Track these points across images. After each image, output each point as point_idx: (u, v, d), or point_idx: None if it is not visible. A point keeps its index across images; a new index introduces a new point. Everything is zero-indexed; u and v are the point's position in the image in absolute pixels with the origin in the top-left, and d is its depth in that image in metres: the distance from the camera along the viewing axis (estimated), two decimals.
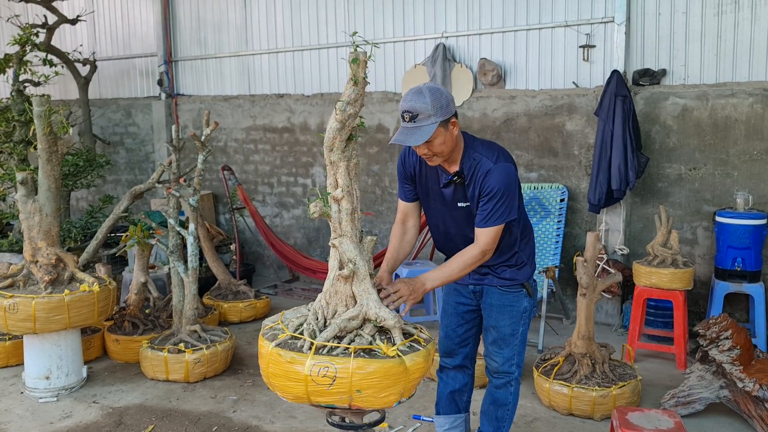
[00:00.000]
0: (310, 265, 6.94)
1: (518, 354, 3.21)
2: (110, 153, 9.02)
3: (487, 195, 2.87)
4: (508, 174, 2.88)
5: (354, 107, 2.55)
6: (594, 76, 5.93)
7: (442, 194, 3.06)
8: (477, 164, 2.90)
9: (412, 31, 6.79)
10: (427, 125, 2.74)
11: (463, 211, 3.03)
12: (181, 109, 8.45)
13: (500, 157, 2.92)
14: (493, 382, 3.27)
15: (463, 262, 2.90)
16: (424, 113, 2.73)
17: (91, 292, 4.42)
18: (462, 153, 2.95)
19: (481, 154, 2.91)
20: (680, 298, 4.90)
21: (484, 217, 2.89)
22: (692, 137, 5.54)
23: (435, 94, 2.75)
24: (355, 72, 2.56)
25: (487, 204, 2.87)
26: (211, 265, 6.40)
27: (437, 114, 2.74)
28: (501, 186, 2.85)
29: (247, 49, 7.93)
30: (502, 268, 3.13)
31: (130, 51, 8.91)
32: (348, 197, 2.65)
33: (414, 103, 2.74)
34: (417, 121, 2.74)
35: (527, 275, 3.18)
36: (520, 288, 3.16)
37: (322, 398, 2.43)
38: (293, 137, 7.66)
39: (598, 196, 5.63)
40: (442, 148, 2.83)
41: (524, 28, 6.20)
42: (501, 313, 3.16)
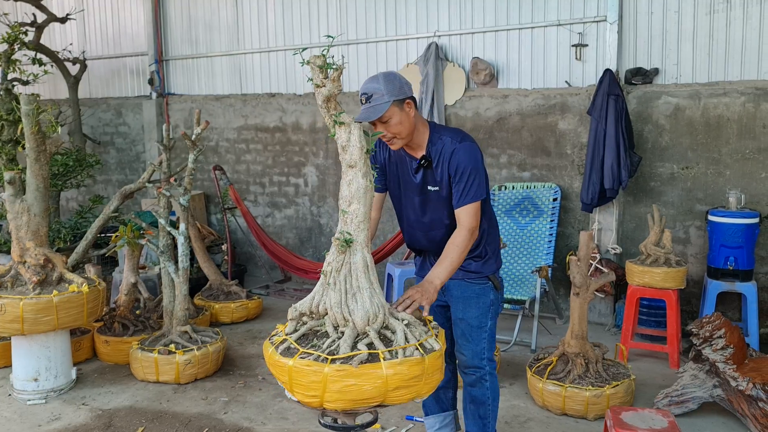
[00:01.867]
0: (303, 265, 6.91)
1: (488, 349, 3.22)
2: (100, 153, 8.95)
3: (458, 173, 2.96)
4: (473, 152, 2.99)
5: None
6: (586, 76, 5.92)
7: (413, 180, 3.11)
8: (443, 146, 3.01)
9: (404, 30, 6.77)
10: (380, 104, 2.86)
11: (433, 194, 3.08)
12: (172, 108, 8.39)
13: (465, 138, 3.03)
14: (466, 380, 3.27)
15: (457, 246, 2.91)
16: (378, 93, 2.87)
17: (80, 293, 4.37)
18: (427, 138, 3.04)
19: (446, 137, 3.03)
20: (673, 297, 4.89)
21: (460, 195, 2.97)
22: (685, 136, 5.54)
23: (388, 77, 2.91)
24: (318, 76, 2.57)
25: (459, 183, 2.97)
26: (203, 265, 6.35)
27: (389, 94, 2.87)
28: (469, 163, 2.96)
29: (238, 48, 7.89)
30: (468, 261, 3.16)
31: (121, 50, 8.84)
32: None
33: (369, 85, 2.91)
34: (372, 101, 2.87)
35: (492, 269, 3.22)
36: (486, 280, 3.20)
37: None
38: (285, 137, 7.62)
39: (591, 196, 5.62)
40: (399, 129, 2.92)
41: (517, 27, 6.19)
42: (467, 304, 3.19)
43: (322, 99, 2.63)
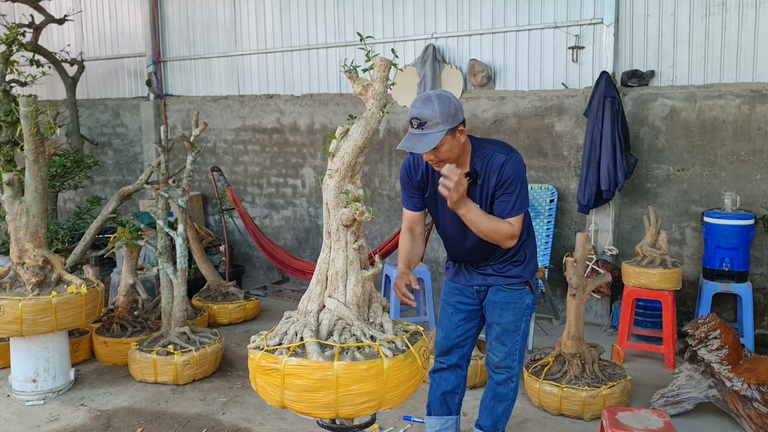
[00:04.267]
0: (300, 266, 6.92)
1: (519, 350, 3.26)
2: (98, 154, 8.96)
3: (506, 185, 2.94)
4: (521, 164, 2.99)
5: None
6: (583, 77, 5.95)
7: None
8: (490, 159, 2.97)
9: (401, 32, 6.79)
10: (434, 133, 2.77)
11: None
12: (170, 109, 8.40)
13: (511, 150, 3.02)
14: (494, 378, 3.30)
15: (494, 224, 2.92)
16: (432, 121, 2.76)
17: (78, 294, 4.38)
18: (470, 154, 3.01)
19: (492, 150, 3.00)
20: (669, 298, 4.92)
21: (510, 207, 2.96)
22: (680, 138, 5.57)
23: (444, 103, 2.80)
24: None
25: (508, 195, 2.95)
26: (201, 266, 6.37)
27: (445, 122, 2.78)
28: (517, 175, 2.95)
29: (236, 49, 7.91)
30: (508, 267, 3.19)
31: (119, 51, 8.85)
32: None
33: (422, 110, 2.77)
34: (425, 129, 2.78)
35: (531, 272, 3.25)
36: (524, 285, 3.22)
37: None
38: (283, 138, 7.63)
39: (588, 197, 5.65)
40: (448, 155, 2.87)
41: (514, 29, 6.22)
42: (505, 309, 3.21)
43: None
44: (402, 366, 2.49)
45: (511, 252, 3.16)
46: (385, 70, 2.58)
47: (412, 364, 2.54)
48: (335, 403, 2.43)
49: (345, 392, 2.41)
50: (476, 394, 4.20)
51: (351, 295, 2.61)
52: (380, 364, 2.44)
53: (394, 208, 6.99)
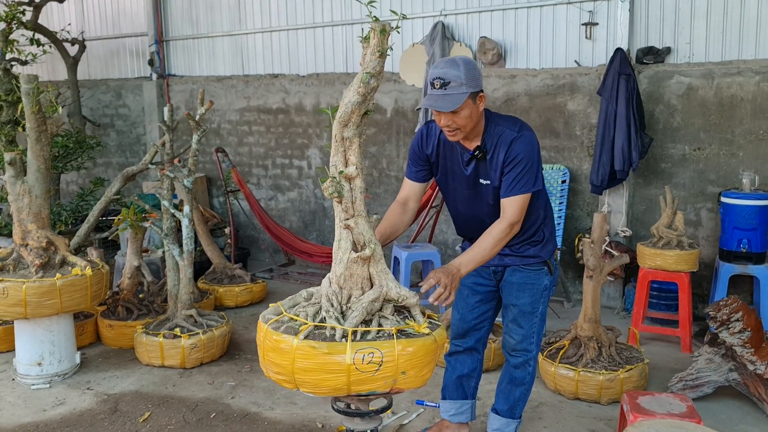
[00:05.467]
0: (307, 248, 6.83)
1: (537, 333, 3.17)
2: (100, 135, 8.84)
3: (512, 163, 2.82)
4: (532, 143, 2.85)
5: (377, 80, 2.45)
6: (596, 55, 5.81)
7: (463, 173, 2.99)
8: (500, 136, 2.86)
9: (409, 9, 6.63)
10: (458, 93, 2.70)
11: (485, 188, 2.96)
12: (173, 90, 8.27)
13: (523, 127, 2.89)
14: (511, 361, 3.21)
15: (493, 238, 2.82)
16: (457, 81, 2.69)
17: (83, 276, 4.28)
18: (483, 128, 2.90)
19: (504, 126, 2.88)
20: (685, 280, 4.82)
21: (509, 185, 2.84)
22: (697, 117, 5.44)
23: (469, 65, 2.74)
24: (381, 42, 2.44)
25: (512, 172, 2.83)
26: (206, 248, 6.27)
27: (469, 84, 2.71)
28: (525, 154, 2.82)
29: (240, 28, 7.75)
30: (525, 247, 3.08)
31: (120, 30, 8.70)
32: (361, 174, 2.54)
33: (447, 70, 2.71)
34: (448, 89, 2.70)
35: (550, 252, 3.14)
36: (542, 265, 3.12)
37: (365, 386, 2.31)
38: (288, 118, 7.50)
39: (601, 177, 5.53)
40: (466, 122, 2.78)
41: (525, 6, 6.06)
42: (522, 290, 3.11)
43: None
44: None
45: (529, 232, 3.06)
46: (377, 37, 2.44)
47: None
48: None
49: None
50: (490, 378, 4.12)
51: (337, 276, 2.52)
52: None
53: None
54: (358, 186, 2.50)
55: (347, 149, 2.52)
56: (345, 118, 2.44)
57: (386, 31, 2.40)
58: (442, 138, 2.97)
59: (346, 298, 2.51)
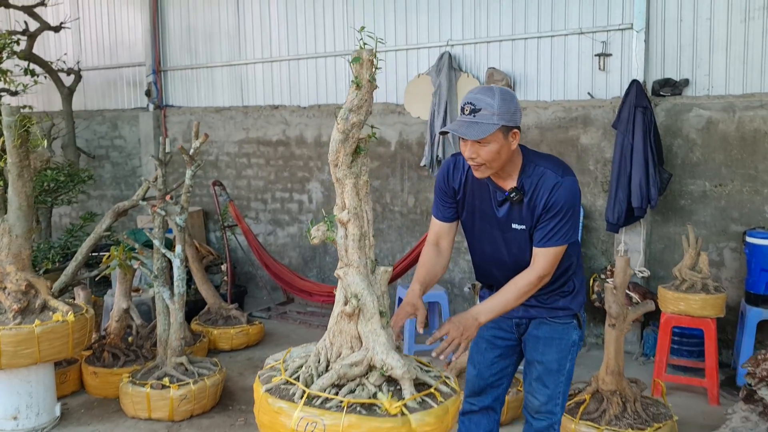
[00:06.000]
0: (306, 287, 6.52)
1: (563, 393, 2.85)
2: (95, 167, 8.58)
3: (551, 211, 2.54)
4: (575, 190, 2.58)
5: (358, 115, 2.23)
6: (611, 87, 5.56)
7: (495, 214, 2.70)
8: (540, 178, 2.57)
9: (415, 39, 6.42)
10: (487, 123, 2.45)
11: (517, 234, 2.67)
12: (170, 121, 8.03)
13: (566, 172, 2.61)
14: (534, 425, 2.88)
15: (518, 289, 2.56)
16: (489, 110, 2.45)
17: (64, 323, 3.98)
18: (520, 167, 2.62)
19: (545, 168, 2.60)
20: (712, 326, 4.50)
21: (546, 235, 2.56)
22: (718, 152, 5.17)
23: (505, 96, 2.49)
24: (358, 73, 2.24)
25: (550, 221, 2.55)
26: (200, 288, 5.96)
27: (501, 116, 2.46)
28: (568, 202, 2.54)
29: (240, 58, 7.54)
30: (554, 298, 2.78)
31: (117, 60, 8.50)
32: (355, 220, 2.30)
33: (480, 96, 2.48)
34: (477, 116, 2.46)
35: (580, 304, 2.84)
36: (571, 318, 2.81)
37: None
38: (288, 151, 7.25)
39: (617, 215, 5.24)
40: (493, 157, 2.50)
41: (535, 36, 5.84)
42: (548, 346, 2.80)
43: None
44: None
45: (558, 282, 2.75)
46: (362, 68, 2.24)
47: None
48: None
49: None
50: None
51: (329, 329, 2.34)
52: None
53: (407, 226, 6.59)
54: (351, 232, 2.25)
55: (342, 191, 2.31)
56: (333, 159, 2.25)
57: (361, 60, 2.19)
58: (471, 173, 2.69)
59: (336, 355, 2.30)
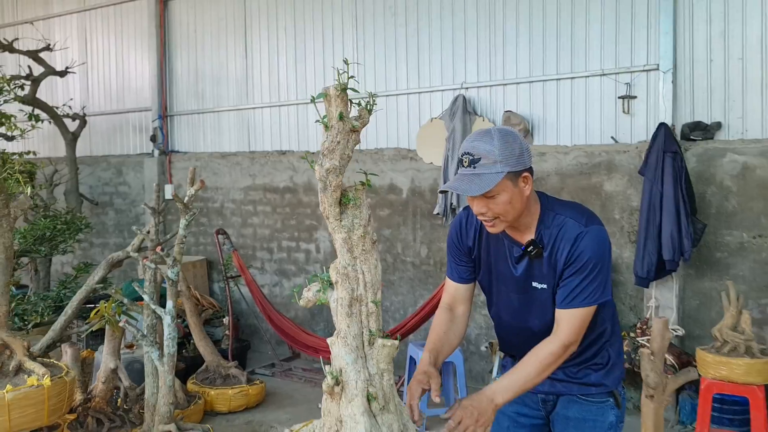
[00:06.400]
0: (312, 342, 6.11)
1: None
2: (98, 214, 8.34)
3: (575, 265, 2.18)
4: (602, 240, 2.21)
5: (331, 159, 1.93)
6: (636, 130, 5.22)
7: (512, 273, 2.34)
8: (561, 228, 2.22)
9: (427, 82, 6.15)
10: (490, 173, 2.11)
11: (539, 294, 2.30)
12: (175, 167, 7.79)
13: (591, 219, 2.25)
14: None
15: (540, 362, 2.17)
16: (489, 158, 2.11)
17: (39, 387, 3.61)
18: (538, 217, 2.26)
19: (566, 216, 2.24)
20: (759, 394, 4.03)
21: (569, 294, 2.19)
22: (756, 200, 4.77)
23: (506, 138, 2.14)
24: (327, 112, 1.95)
25: (574, 277, 2.18)
26: (198, 344, 5.58)
27: (505, 161, 2.11)
28: (594, 254, 2.17)
29: (247, 102, 7.32)
30: (585, 371, 2.38)
31: (124, 105, 8.33)
32: (344, 282, 1.98)
33: (478, 143, 2.14)
34: (478, 167, 2.12)
35: (617, 379, 2.42)
36: (607, 396, 2.39)
37: None
38: (296, 198, 6.94)
39: (647, 268, 4.84)
40: (506, 209, 2.16)
41: (554, 78, 5.54)
42: (580, 428, 2.39)
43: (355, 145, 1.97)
44: None
45: (590, 351, 2.36)
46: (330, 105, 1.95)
47: None
48: None
49: None
50: None
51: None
52: None
53: (419, 278, 6.20)
54: (340, 296, 1.93)
55: (341, 246, 2.01)
56: (322, 210, 2.04)
57: (327, 96, 1.95)
58: (485, 229, 2.36)
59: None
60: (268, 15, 7.12)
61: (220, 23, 7.45)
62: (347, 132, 1.94)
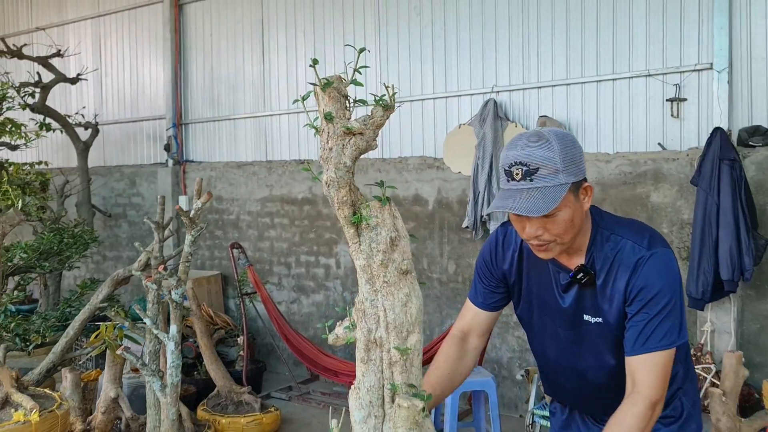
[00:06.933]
0: (331, 365, 5.70)
1: None
2: (111, 226, 8.04)
3: (642, 300, 1.76)
4: (670, 267, 1.79)
5: (327, 171, 1.62)
6: (686, 136, 4.76)
7: (558, 304, 1.92)
8: (617, 251, 1.81)
9: (455, 86, 5.74)
10: (552, 186, 1.69)
11: (592, 329, 1.89)
12: (190, 177, 7.46)
13: (654, 241, 1.82)
14: None
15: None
16: (549, 167, 1.69)
17: (27, 424, 3.24)
18: (589, 237, 1.85)
19: (622, 236, 1.83)
20: None
21: (639, 336, 1.76)
22: None
23: (564, 142, 1.73)
24: (323, 113, 1.63)
25: (642, 313, 1.77)
26: (209, 367, 5.20)
27: (568, 169, 1.71)
28: (664, 284, 1.75)
29: (264, 109, 6.97)
30: (655, 426, 1.92)
31: (138, 113, 8.04)
32: (361, 320, 1.61)
33: (533, 150, 1.71)
34: (536, 179, 1.69)
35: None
36: None
37: None
38: (315, 210, 6.56)
39: (702, 288, 4.36)
40: (566, 229, 1.75)
41: (594, 80, 5.10)
42: None
43: (355, 152, 1.62)
44: None
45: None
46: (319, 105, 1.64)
47: None
48: None
49: None
50: None
51: None
52: None
53: (446, 295, 5.77)
54: (359, 336, 1.55)
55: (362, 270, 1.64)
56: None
57: (315, 93, 1.63)
58: (527, 248, 1.94)
59: None
60: (286, 17, 6.78)
61: (237, 26, 7.12)
62: (339, 136, 1.55)
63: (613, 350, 1.89)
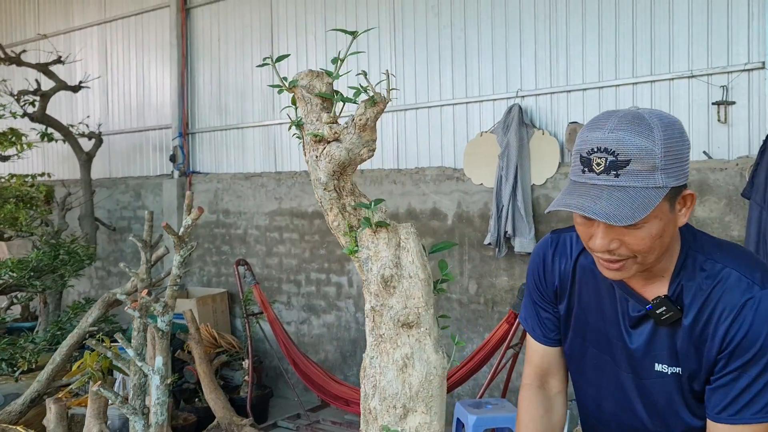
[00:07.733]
0: (343, 392, 5.25)
1: None
2: (116, 240, 7.70)
3: (745, 354, 1.32)
4: None
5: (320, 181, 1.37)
6: (735, 144, 4.27)
7: (623, 342, 1.49)
8: (717, 283, 1.36)
9: (476, 90, 5.31)
10: (645, 188, 1.25)
11: (665, 383, 1.45)
12: (196, 189, 7.09)
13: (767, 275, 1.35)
14: None
15: None
16: (645, 162, 1.25)
17: None
18: (677, 259, 1.40)
19: (725, 264, 1.37)
20: None
21: (733, 401, 1.35)
22: None
23: (671, 132, 1.28)
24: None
25: (743, 371, 1.33)
26: (208, 396, 4.79)
27: (670, 170, 1.27)
28: None
29: (273, 117, 6.59)
30: None
31: (144, 123, 7.70)
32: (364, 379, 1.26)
33: (627, 135, 1.25)
34: (624, 175, 1.25)
35: None
36: None
37: None
38: (326, 224, 6.12)
39: None
40: (652, 245, 1.31)
41: (629, 82, 4.64)
42: None
43: (330, 165, 1.25)
44: None
45: None
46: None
47: None
48: None
49: None
50: None
51: None
52: None
53: (467, 318, 5.31)
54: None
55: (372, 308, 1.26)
56: None
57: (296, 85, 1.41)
58: (583, 264, 1.53)
59: None
60: (296, 21, 6.41)
61: (245, 31, 6.76)
62: (309, 145, 1.19)
63: (692, 407, 1.45)
